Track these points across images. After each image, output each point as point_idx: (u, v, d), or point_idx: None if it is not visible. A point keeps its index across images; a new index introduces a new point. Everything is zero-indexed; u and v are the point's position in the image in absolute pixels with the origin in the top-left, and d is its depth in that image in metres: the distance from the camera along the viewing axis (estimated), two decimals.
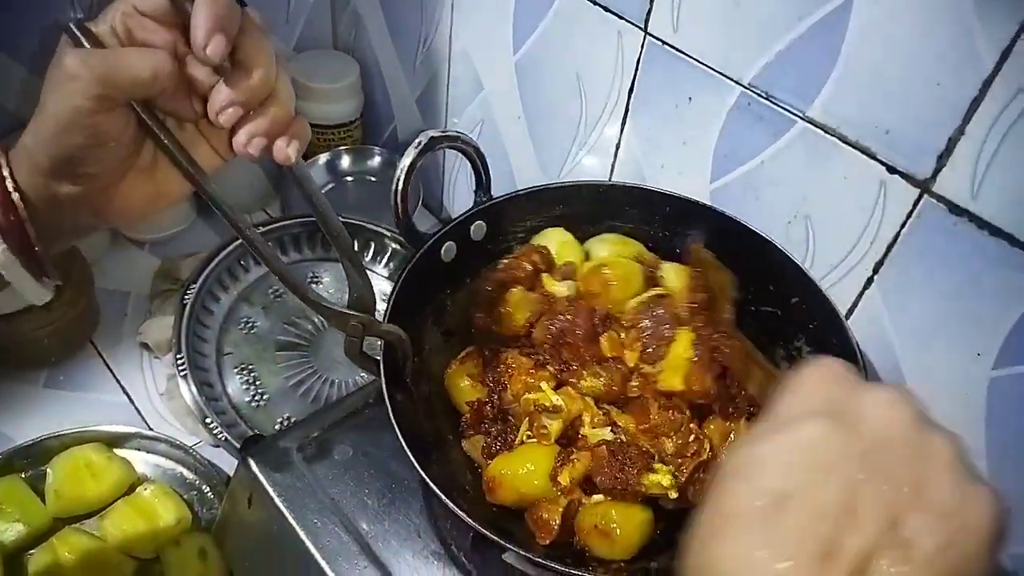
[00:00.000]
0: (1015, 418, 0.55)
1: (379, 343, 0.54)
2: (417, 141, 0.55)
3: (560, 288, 0.60)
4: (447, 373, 0.60)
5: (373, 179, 0.99)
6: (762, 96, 0.60)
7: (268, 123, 0.41)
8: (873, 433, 0.28)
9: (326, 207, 0.47)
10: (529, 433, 0.55)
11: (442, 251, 0.61)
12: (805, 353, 0.60)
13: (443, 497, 0.47)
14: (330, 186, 0.97)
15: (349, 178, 0.99)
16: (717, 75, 0.63)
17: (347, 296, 0.52)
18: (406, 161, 0.55)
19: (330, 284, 0.87)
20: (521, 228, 0.65)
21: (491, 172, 0.63)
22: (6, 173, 0.41)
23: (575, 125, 0.78)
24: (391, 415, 0.50)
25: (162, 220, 0.91)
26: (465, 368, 0.59)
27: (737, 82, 0.62)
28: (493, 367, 0.58)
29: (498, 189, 0.65)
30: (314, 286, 0.87)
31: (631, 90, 0.70)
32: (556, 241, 0.65)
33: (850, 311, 0.61)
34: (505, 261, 0.62)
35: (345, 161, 0.99)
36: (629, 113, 0.72)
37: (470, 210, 0.62)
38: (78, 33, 0.38)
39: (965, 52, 0.48)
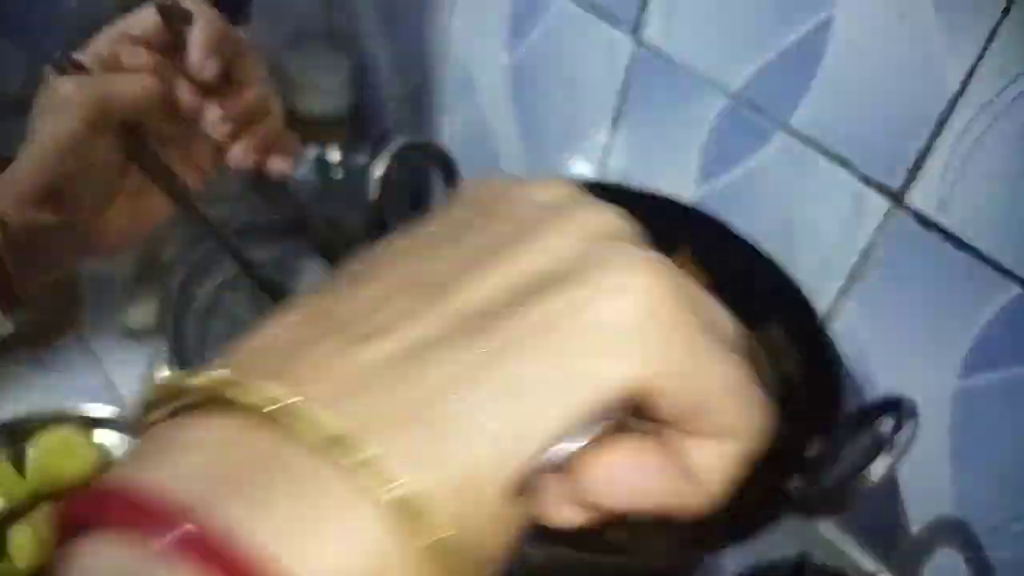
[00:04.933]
0: (977, 425, 0.57)
1: None
2: (389, 150, 0.57)
3: None
4: None
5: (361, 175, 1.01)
6: (747, 105, 0.63)
7: (261, 139, 0.44)
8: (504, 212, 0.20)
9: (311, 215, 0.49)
10: None
11: None
12: (778, 338, 0.62)
13: None
14: (318, 180, 0.99)
15: (337, 173, 1.00)
16: (705, 83, 0.65)
17: None
18: (379, 171, 0.57)
19: (312, 278, 0.88)
20: None
21: (481, 174, 0.64)
22: None
23: (566, 130, 0.80)
24: None
25: None
26: None
27: (724, 90, 0.64)
28: None
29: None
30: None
31: (621, 95, 0.72)
32: None
33: (827, 316, 0.64)
34: None
35: (334, 156, 1.00)
36: (619, 118, 0.74)
37: None
38: (66, 64, 0.39)
39: (934, 70, 0.51)
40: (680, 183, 0.70)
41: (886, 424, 0.49)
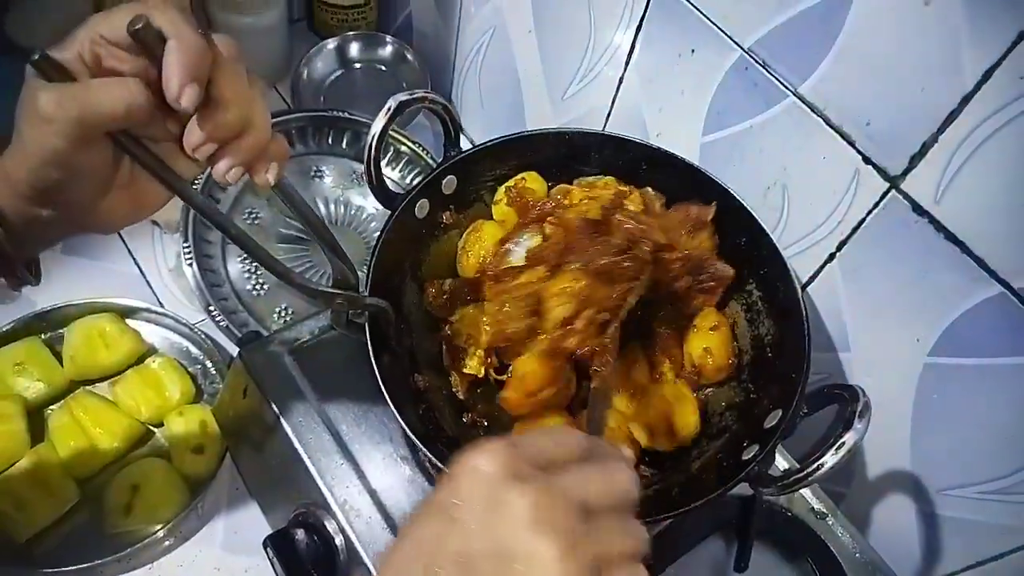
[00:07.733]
0: (938, 400, 0.60)
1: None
2: (387, 107, 0.56)
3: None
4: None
5: (383, 68, 0.99)
6: (759, 63, 0.61)
7: (245, 154, 0.41)
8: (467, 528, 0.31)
9: (308, 211, 0.49)
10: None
11: (415, 208, 0.63)
12: (755, 297, 0.64)
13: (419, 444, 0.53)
14: (338, 73, 0.98)
15: (358, 65, 0.99)
16: (721, 33, 0.62)
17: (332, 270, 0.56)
18: (376, 127, 0.56)
19: (332, 178, 0.90)
20: (490, 177, 0.67)
21: (497, 81, 0.61)
22: None
23: (583, 50, 0.78)
24: (378, 378, 0.54)
25: None
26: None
27: (739, 44, 0.62)
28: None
29: (504, 99, 0.65)
30: (317, 180, 0.90)
31: (639, 29, 0.70)
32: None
33: (811, 279, 0.65)
34: None
35: (354, 48, 0.98)
36: (635, 51, 0.72)
37: (441, 165, 0.64)
38: (46, 65, 0.37)
39: (951, 64, 0.49)
40: (687, 129, 0.69)
41: (843, 410, 0.51)
